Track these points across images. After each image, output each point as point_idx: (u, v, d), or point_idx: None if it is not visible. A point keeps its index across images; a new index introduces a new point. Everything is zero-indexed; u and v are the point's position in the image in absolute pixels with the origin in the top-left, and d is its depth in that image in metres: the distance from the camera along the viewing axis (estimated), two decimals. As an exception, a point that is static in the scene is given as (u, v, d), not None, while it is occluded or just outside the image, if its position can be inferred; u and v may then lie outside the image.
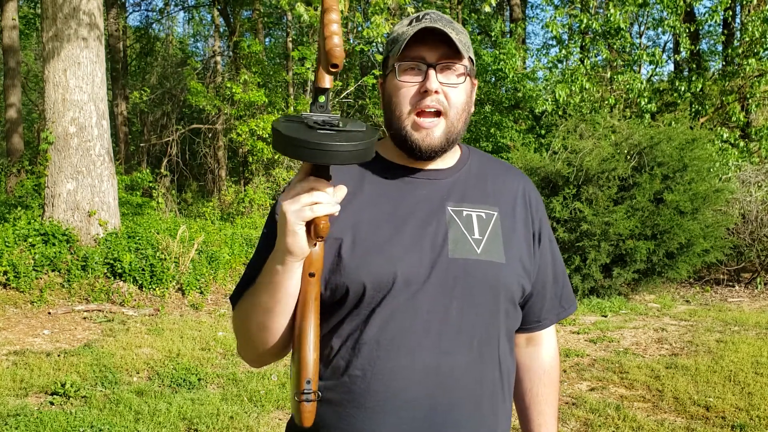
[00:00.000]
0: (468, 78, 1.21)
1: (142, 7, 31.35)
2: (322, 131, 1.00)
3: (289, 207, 1.00)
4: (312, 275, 1.07)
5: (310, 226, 1.01)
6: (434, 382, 1.14)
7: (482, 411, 1.18)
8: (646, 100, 10.31)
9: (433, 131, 1.17)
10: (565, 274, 1.39)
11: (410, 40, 1.15)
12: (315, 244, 1.04)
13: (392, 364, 1.14)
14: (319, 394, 1.09)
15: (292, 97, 14.45)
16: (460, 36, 1.18)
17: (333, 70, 0.96)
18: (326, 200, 1.00)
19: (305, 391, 1.05)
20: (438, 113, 1.18)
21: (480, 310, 1.17)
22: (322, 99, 1.05)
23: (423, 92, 1.16)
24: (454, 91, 1.18)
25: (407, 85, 1.18)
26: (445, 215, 1.20)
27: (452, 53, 1.16)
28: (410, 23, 1.20)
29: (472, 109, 1.26)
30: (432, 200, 1.21)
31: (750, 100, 10.84)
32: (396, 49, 1.17)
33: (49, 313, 6.18)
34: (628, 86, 10.68)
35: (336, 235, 1.16)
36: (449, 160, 1.27)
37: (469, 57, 1.21)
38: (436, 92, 1.16)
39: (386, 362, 1.14)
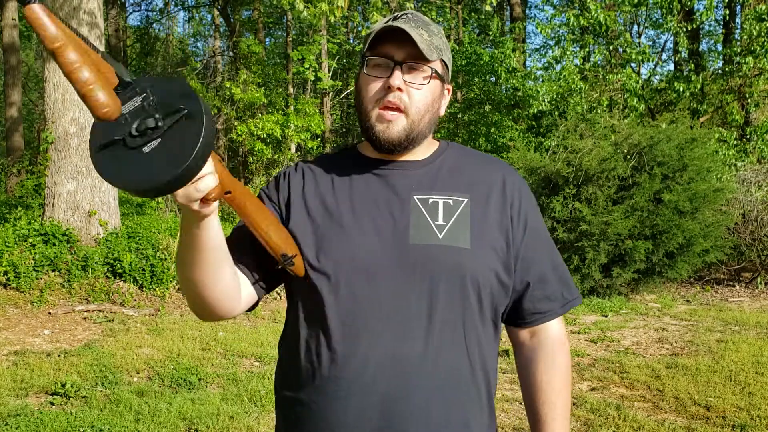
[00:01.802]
0: (435, 80, 1.22)
1: (142, 7, 31.34)
2: (148, 150, 0.81)
3: (179, 195, 0.93)
4: (228, 193, 1.02)
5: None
6: (392, 369, 1.14)
7: (446, 399, 1.17)
8: (635, 99, 10.30)
9: (393, 125, 1.19)
10: (563, 264, 1.34)
11: (383, 37, 1.18)
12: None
13: (350, 350, 1.15)
14: (295, 254, 1.15)
15: (292, 96, 14.43)
16: (432, 38, 1.20)
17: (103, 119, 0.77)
18: (207, 171, 0.92)
19: (285, 261, 1.13)
20: (399, 110, 1.19)
21: (443, 297, 1.16)
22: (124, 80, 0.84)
23: (387, 88, 1.18)
24: (417, 92, 1.19)
25: (374, 80, 1.20)
26: (409, 203, 1.21)
27: (421, 54, 1.17)
28: (387, 21, 1.21)
29: (441, 112, 1.27)
30: (399, 190, 1.22)
31: (749, 100, 10.84)
32: (366, 43, 1.20)
33: (50, 313, 6.18)
34: (623, 85, 10.68)
35: (301, 223, 1.20)
36: (423, 152, 1.28)
37: (442, 60, 1.22)
38: (399, 89, 1.17)
39: (345, 348, 1.15)
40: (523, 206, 1.28)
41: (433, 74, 1.20)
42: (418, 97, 1.20)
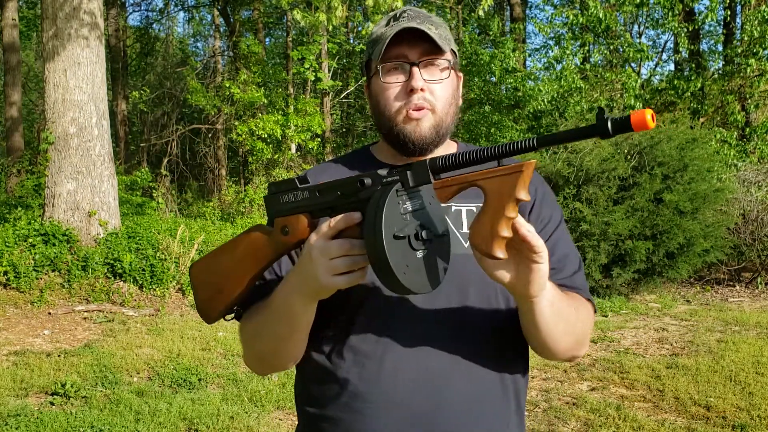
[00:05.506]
0: (452, 71, 1.20)
1: (142, 7, 31.34)
2: (420, 256, 0.91)
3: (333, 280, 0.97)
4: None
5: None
6: (423, 384, 1.11)
7: (475, 414, 1.13)
8: (632, 98, 10.29)
9: (423, 123, 1.17)
10: (575, 259, 1.22)
11: (390, 40, 1.15)
12: None
13: (379, 366, 1.12)
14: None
15: (292, 96, 14.43)
16: (440, 30, 1.18)
17: None
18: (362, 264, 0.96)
19: None
20: (425, 108, 1.18)
21: (472, 308, 1.14)
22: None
23: (409, 91, 1.16)
24: (439, 86, 1.18)
25: (393, 86, 1.18)
26: None
27: (433, 49, 1.16)
28: (388, 23, 1.20)
29: (460, 102, 1.26)
30: None
31: (750, 100, 10.83)
32: (377, 51, 1.17)
33: (50, 313, 6.18)
34: (623, 85, 10.68)
35: None
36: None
37: (451, 50, 1.21)
38: (422, 90, 1.16)
39: (373, 364, 1.12)
40: (542, 205, 1.23)
41: (449, 65, 1.19)
42: (440, 92, 1.18)
